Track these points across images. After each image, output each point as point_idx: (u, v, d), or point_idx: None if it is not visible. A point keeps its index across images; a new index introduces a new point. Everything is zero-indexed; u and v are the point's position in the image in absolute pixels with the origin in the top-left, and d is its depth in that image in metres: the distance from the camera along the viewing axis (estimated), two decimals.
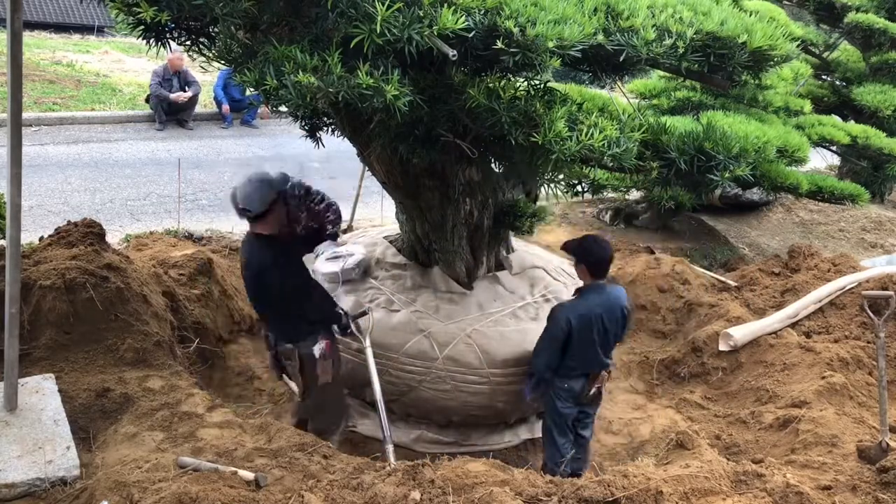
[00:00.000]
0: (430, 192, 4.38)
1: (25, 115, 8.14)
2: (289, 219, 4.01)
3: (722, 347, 5.52)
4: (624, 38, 3.26)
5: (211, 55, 3.47)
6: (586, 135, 3.21)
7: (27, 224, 5.21)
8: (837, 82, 10.85)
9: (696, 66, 3.63)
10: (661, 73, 7.99)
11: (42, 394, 3.70)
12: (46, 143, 9.66)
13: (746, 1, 7.00)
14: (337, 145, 4.89)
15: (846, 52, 10.98)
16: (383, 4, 2.70)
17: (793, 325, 5.70)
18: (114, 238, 6.27)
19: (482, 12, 2.92)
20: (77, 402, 3.78)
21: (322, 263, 4.50)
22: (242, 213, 3.78)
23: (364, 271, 4.75)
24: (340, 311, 4.13)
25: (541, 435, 4.81)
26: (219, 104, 11.52)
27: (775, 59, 3.89)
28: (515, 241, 5.28)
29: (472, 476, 3.16)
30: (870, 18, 9.61)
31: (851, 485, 3.52)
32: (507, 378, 4.40)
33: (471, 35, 2.85)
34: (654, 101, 8.86)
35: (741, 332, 5.50)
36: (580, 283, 5.08)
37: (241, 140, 11.13)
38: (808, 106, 9.11)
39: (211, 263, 5.72)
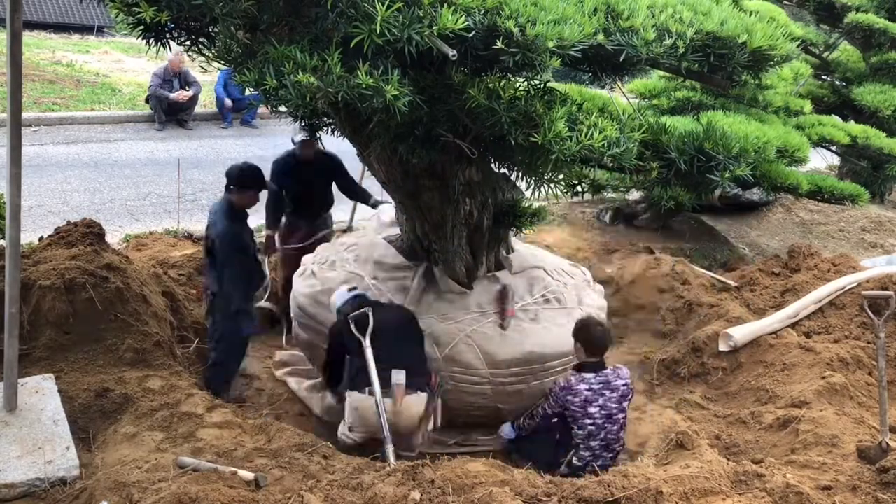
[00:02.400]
0: (430, 192, 4.38)
1: (25, 115, 8.13)
2: None
3: (722, 347, 5.51)
4: (624, 38, 3.26)
5: (211, 55, 3.47)
6: (586, 135, 3.21)
7: (27, 224, 5.20)
8: (837, 82, 10.84)
9: (696, 66, 3.63)
10: (661, 73, 7.99)
11: (42, 394, 3.70)
12: (46, 143, 9.66)
13: (746, 1, 7.00)
14: (337, 145, 4.88)
15: (846, 52, 10.97)
16: (383, 4, 2.70)
17: (793, 326, 5.68)
18: (113, 238, 6.27)
19: (482, 12, 2.92)
20: (77, 403, 3.78)
21: None
22: None
23: None
24: None
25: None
26: (221, 102, 11.52)
27: (775, 59, 3.89)
28: (515, 242, 5.28)
29: (472, 476, 3.16)
30: (870, 18, 9.60)
31: (851, 485, 3.51)
32: (507, 378, 4.40)
33: (471, 35, 2.85)
34: (654, 101, 8.84)
35: (741, 333, 5.50)
36: (579, 284, 5.08)
37: (240, 140, 11.13)
38: (808, 106, 9.09)
39: None
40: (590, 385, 4.09)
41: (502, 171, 4.53)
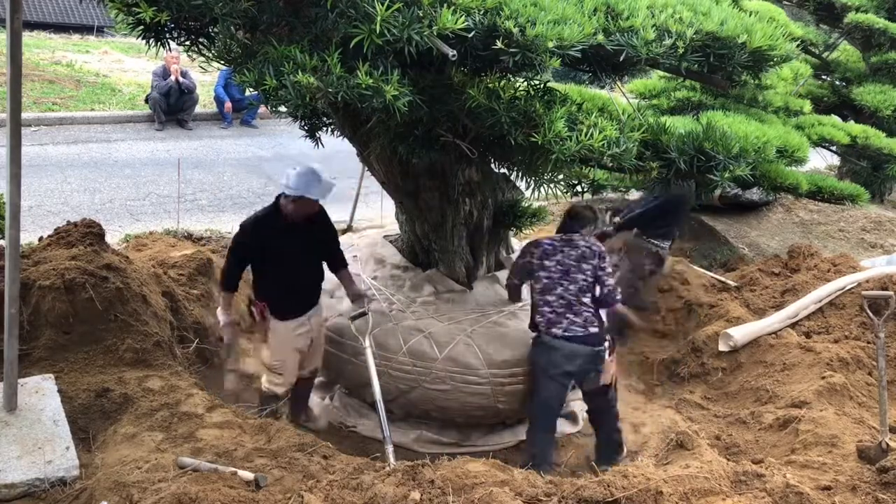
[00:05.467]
0: (430, 192, 4.38)
1: (25, 115, 8.15)
2: None
3: (722, 348, 5.51)
4: (624, 38, 3.26)
5: (211, 55, 3.47)
6: (586, 135, 3.21)
7: (27, 224, 5.21)
8: (837, 82, 10.83)
9: (696, 66, 3.63)
10: (661, 73, 7.98)
11: (42, 394, 3.70)
12: (46, 143, 9.66)
13: (746, 1, 7.00)
14: (337, 145, 4.88)
15: (846, 52, 10.96)
16: (383, 4, 2.70)
17: (793, 326, 5.68)
18: (113, 238, 6.26)
19: (482, 12, 2.92)
20: (77, 403, 3.77)
21: None
22: None
23: None
24: None
25: None
26: (221, 103, 11.52)
27: (775, 59, 3.89)
28: (516, 242, 5.28)
29: (472, 476, 3.16)
30: (870, 18, 9.59)
31: (851, 485, 3.51)
32: (507, 378, 4.39)
33: (471, 35, 2.85)
34: (654, 101, 8.84)
35: (741, 333, 5.50)
36: None
37: (240, 140, 11.13)
38: (808, 106, 9.08)
39: (210, 263, 5.71)
40: (552, 241, 4.31)
41: (502, 171, 4.53)
